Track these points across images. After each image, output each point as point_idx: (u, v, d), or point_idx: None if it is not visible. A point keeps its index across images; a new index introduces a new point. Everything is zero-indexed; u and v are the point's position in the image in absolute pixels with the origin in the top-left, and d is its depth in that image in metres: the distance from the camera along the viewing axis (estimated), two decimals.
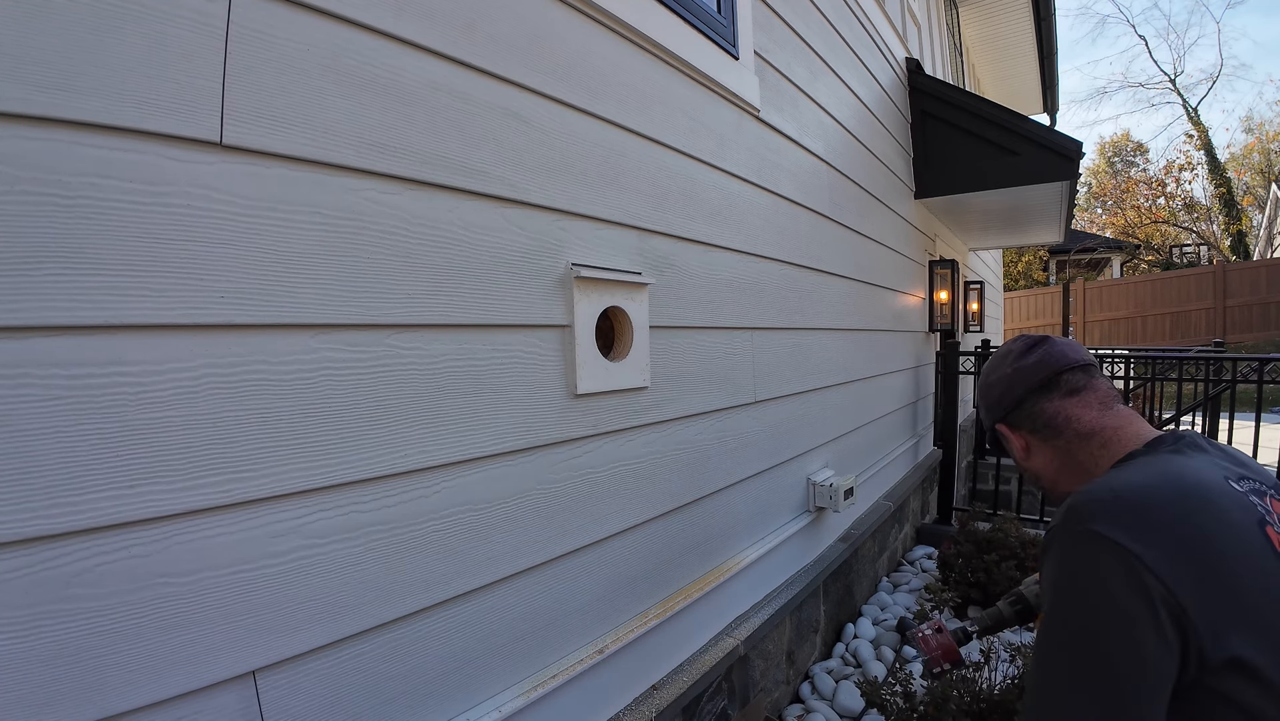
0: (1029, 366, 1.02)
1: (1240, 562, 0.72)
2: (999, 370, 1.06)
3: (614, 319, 1.40)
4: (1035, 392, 1.00)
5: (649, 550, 1.49)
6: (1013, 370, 1.03)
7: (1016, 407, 1.02)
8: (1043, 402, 1.00)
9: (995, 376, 1.06)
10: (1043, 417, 1.00)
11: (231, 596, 0.76)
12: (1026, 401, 1.01)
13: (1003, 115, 3.73)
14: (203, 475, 0.74)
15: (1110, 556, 0.72)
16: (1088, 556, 0.74)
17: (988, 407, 1.08)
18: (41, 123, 0.63)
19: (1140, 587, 0.69)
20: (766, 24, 2.07)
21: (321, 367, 0.86)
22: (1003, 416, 1.04)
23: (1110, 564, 0.72)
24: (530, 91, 1.17)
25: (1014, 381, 1.02)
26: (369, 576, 0.91)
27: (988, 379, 1.08)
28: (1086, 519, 0.76)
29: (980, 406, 1.13)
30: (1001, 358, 1.07)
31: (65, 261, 0.64)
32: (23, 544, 0.62)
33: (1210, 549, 0.72)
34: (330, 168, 0.87)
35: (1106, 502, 0.77)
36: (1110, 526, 0.73)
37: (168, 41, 0.71)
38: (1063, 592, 0.76)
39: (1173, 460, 0.84)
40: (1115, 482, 0.81)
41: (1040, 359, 1.02)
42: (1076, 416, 0.98)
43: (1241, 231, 19.99)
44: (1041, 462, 1.02)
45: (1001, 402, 1.04)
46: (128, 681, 0.68)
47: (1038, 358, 1.02)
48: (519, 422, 1.14)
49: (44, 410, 0.63)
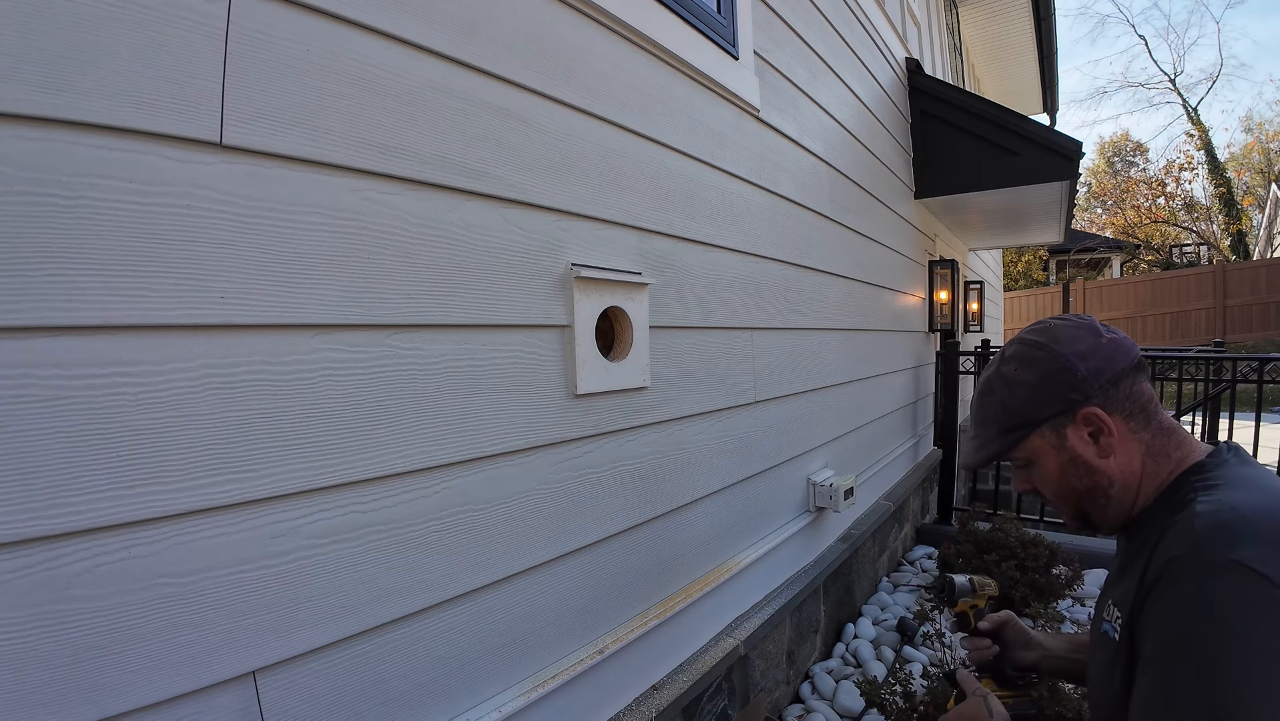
0: (1123, 341, 0.84)
1: None
2: (1085, 341, 0.83)
3: (614, 319, 1.40)
4: (1134, 370, 0.82)
5: (649, 550, 1.49)
6: (1109, 341, 0.83)
7: (1115, 385, 0.81)
8: (1141, 382, 0.83)
9: (1084, 347, 0.83)
10: (1140, 400, 0.82)
11: (231, 596, 0.76)
12: (1126, 379, 0.82)
13: (1002, 115, 3.73)
14: (203, 475, 0.74)
15: (1256, 591, 0.63)
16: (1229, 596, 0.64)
17: (1073, 384, 0.82)
18: (41, 123, 0.63)
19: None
20: (766, 24, 2.07)
21: (321, 368, 0.86)
22: (1098, 395, 0.81)
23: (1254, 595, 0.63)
24: (530, 91, 1.17)
25: (1114, 354, 0.82)
26: (369, 576, 0.91)
27: (1072, 350, 0.83)
28: (1226, 547, 0.66)
29: (1039, 393, 0.85)
30: (1079, 329, 0.85)
31: (65, 262, 0.64)
32: (23, 544, 0.62)
33: None
34: (330, 168, 0.87)
35: (1239, 530, 0.67)
36: (1256, 556, 0.64)
37: (168, 42, 0.71)
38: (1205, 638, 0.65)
39: (1259, 472, 0.76)
40: (1240, 504, 0.70)
41: (1124, 337, 0.85)
42: (1158, 405, 0.84)
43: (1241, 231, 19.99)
44: (1124, 460, 0.83)
45: (1099, 377, 0.81)
46: (128, 681, 0.68)
47: (1120, 336, 0.85)
48: (519, 423, 1.14)
49: (44, 410, 0.63)
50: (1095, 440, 0.83)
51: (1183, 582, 0.68)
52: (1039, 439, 0.86)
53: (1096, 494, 0.85)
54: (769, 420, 2.02)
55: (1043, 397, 0.84)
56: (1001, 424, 0.88)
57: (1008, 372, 0.88)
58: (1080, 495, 0.86)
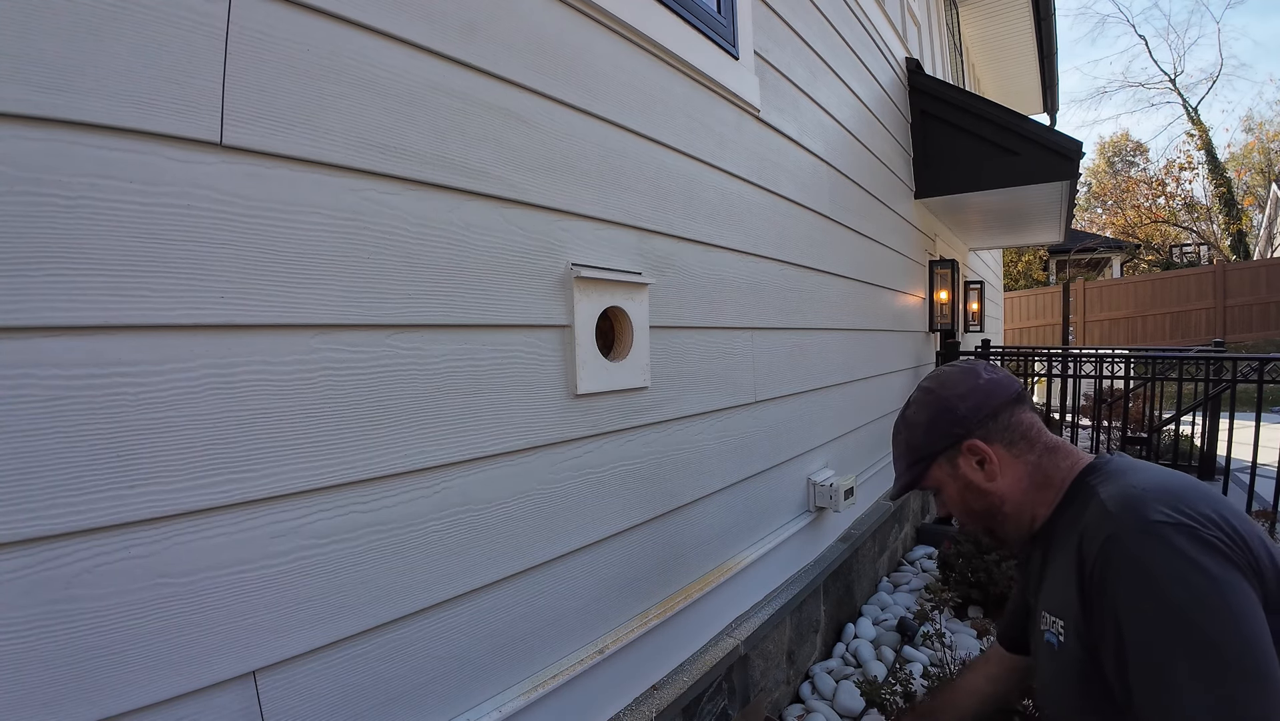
0: (1001, 379, 0.99)
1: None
2: (964, 384, 0.99)
3: (614, 319, 1.40)
4: (1011, 403, 0.97)
5: (649, 550, 1.49)
6: (986, 381, 0.98)
7: (993, 417, 0.96)
8: (1019, 413, 0.97)
9: (964, 389, 0.98)
10: (1019, 428, 0.96)
11: (231, 596, 0.76)
12: (1003, 411, 0.96)
13: (1003, 115, 3.73)
14: (203, 475, 0.74)
15: (1183, 537, 0.74)
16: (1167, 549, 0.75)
17: (955, 421, 0.97)
18: (42, 123, 0.63)
19: (1221, 553, 0.73)
20: (766, 24, 2.07)
21: (322, 368, 0.86)
22: (978, 427, 0.96)
23: (1191, 545, 0.74)
24: (530, 91, 1.17)
25: (990, 391, 0.97)
26: (369, 576, 0.91)
27: (953, 393, 0.98)
28: (1145, 513, 0.77)
29: (931, 431, 0.99)
30: (961, 374, 1.00)
31: (66, 262, 0.64)
32: (23, 544, 0.62)
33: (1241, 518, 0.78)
34: (330, 168, 0.87)
35: (1148, 500, 0.79)
36: (1169, 513, 0.76)
37: (168, 42, 0.71)
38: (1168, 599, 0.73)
39: (1143, 464, 0.90)
40: (1136, 482, 0.83)
41: (1005, 375, 1.00)
42: (1042, 428, 0.98)
43: (1241, 231, 19.99)
44: (1011, 482, 0.96)
45: (977, 414, 0.96)
46: (128, 681, 0.68)
47: (1002, 374, 1.00)
48: (519, 423, 1.14)
49: (44, 410, 0.63)
50: (982, 467, 0.96)
51: (1123, 561, 0.78)
52: (938, 470, 1.00)
53: (993, 512, 0.98)
54: (769, 420, 2.02)
55: (934, 435, 0.99)
56: (908, 459, 1.03)
57: (909, 415, 1.04)
58: (981, 514, 1.00)
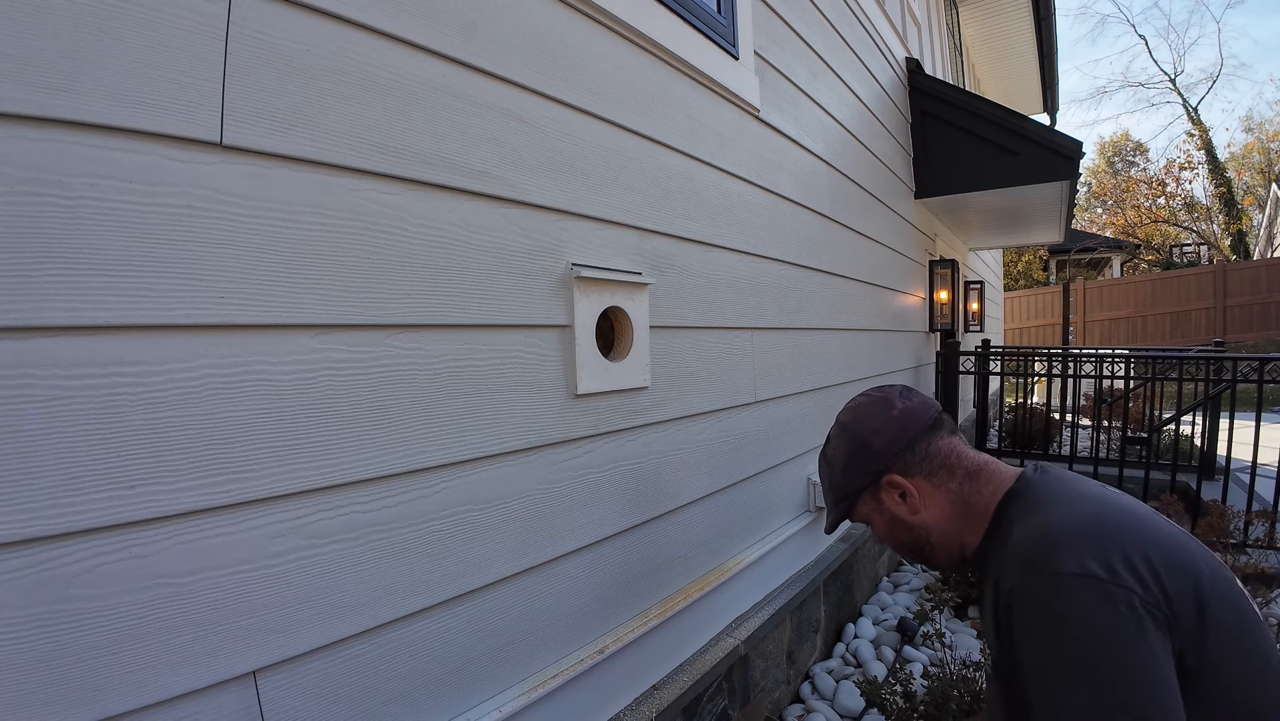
0: (914, 407, 0.95)
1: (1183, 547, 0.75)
2: (878, 417, 0.96)
3: (614, 319, 1.40)
4: (928, 431, 0.93)
5: (650, 550, 1.49)
6: (900, 412, 0.95)
7: (910, 449, 0.92)
8: (936, 440, 0.93)
9: (878, 423, 0.95)
10: (939, 457, 0.92)
11: (231, 596, 0.76)
12: (920, 441, 0.92)
13: (1003, 115, 3.73)
14: (203, 475, 0.74)
15: (1087, 591, 0.70)
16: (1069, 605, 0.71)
17: (871, 457, 0.94)
18: (42, 123, 0.63)
19: (1129, 608, 0.69)
20: (766, 24, 2.07)
21: (322, 368, 0.86)
22: (896, 461, 0.93)
23: (1095, 599, 0.70)
24: (530, 91, 1.17)
25: (905, 423, 0.93)
26: (369, 576, 0.91)
27: (867, 428, 0.96)
28: (1049, 565, 0.73)
29: (850, 469, 0.97)
30: (875, 406, 0.97)
31: (65, 262, 0.64)
32: (23, 544, 0.62)
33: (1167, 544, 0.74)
34: (330, 168, 0.87)
35: (1058, 546, 0.74)
36: (1076, 564, 0.72)
37: (168, 42, 0.71)
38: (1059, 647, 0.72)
39: (1061, 486, 0.85)
40: (1047, 522, 0.78)
41: (920, 401, 0.97)
42: (962, 453, 0.94)
43: (1241, 231, 19.99)
44: (935, 513, 0.93)
45: (893, 447, 0.93)
46: (128, 681, 0.68)
47: (917, 400, 0.97)
48: (519, 423, 1.14)
49: (44, 411, 0.63)
50: (904, 500, 0.94)
51: (1025, 612, 0.75)
52: (863, 505, 0.99)
53: (921, 544, 0.96)
54: (769, 420, 2.02)
55: (853, 473, 0.97)
56: (834, 497, 1.02)
57: (829, 452, 1.02)
58: (909, 546, 0.98)
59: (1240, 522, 2.87)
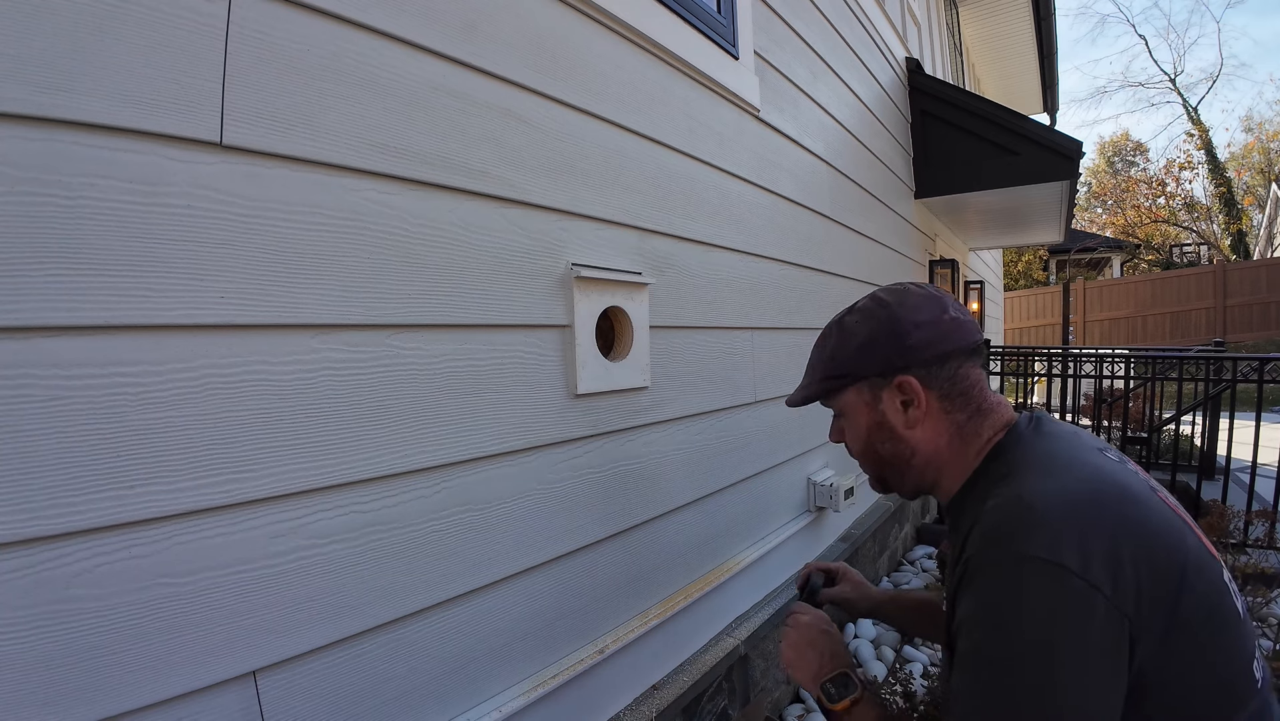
0: (966, 323, 0.84)
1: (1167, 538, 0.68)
2: (927, 311, 0.83)
3: (614, 319, 1.40)
4: (967, 354, 0.82)
5: (650, 550, 1.49)
6: (951, 320, 0.83)
7: (942, 362, 0.81)
8: (969, 366, 0.83)
9: (925, 317, 0.82)
10: (963, 383, 0.82)
11: (232, 596, 0.76)
12: (954, 359, 0.82)
13: (1002, 115, 3.73)
14: (203, 475, 0.74)
15: (1049, 580, 0.64)
16: (1033, 586, 0.65)
17: (900, 349, 0.82)
18: (42, 123, 0.63)
19: (1088, 612, 0.63)
20: (766, 24, 2.07)
21: (322, 368, 0.86)
22: (920, 367, 0.82)
23: (1054, 594, 0.64)
24: (530, 91, 1.17)
25: (951, 332, 0.82)
26: (369, 576, 0.91)
27: (909, 317, 0.83)
28: (1017, 542, 0.67)
29: (866, 350, 0.84)
30: (927, 300, 0.85)
31: (65, 261, 0.64)
32: (23, 544, 0.62)
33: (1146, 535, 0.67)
34: (330, 168, 0.86)
35: (1034, 522, 0.67)
36: (1049, 548, 0.65)
37: (168, 42, 0.71)
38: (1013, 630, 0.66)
39: (1054, 443, 0.77)
40: (1027, 492, 0.70)
41: (971, 320, 0.86)
42: (984, 389, 0.84)
43: (1241, 231, 19.99)
44: (930, 436, 0.83)
45: (927, 351, 0.81)
46: (128, 681, 0.68)
47: (968, 318, 0.86)
48: (519, 423, 1.14)
49: (44, 411, 0.63)
50: (905, 409, 0.84)
51: (982, 586, 0.69)
52: (855, 394, 0.88)
53: (897, 461, 0.87)
54: (769, 420, 2.02)
55: (868, 354, 0.84)
56: (826, 370, 0.90)
57: (848, 322, 0.88)
58: (882, 459, 0.88)
59: (1240, 522, 2.87)
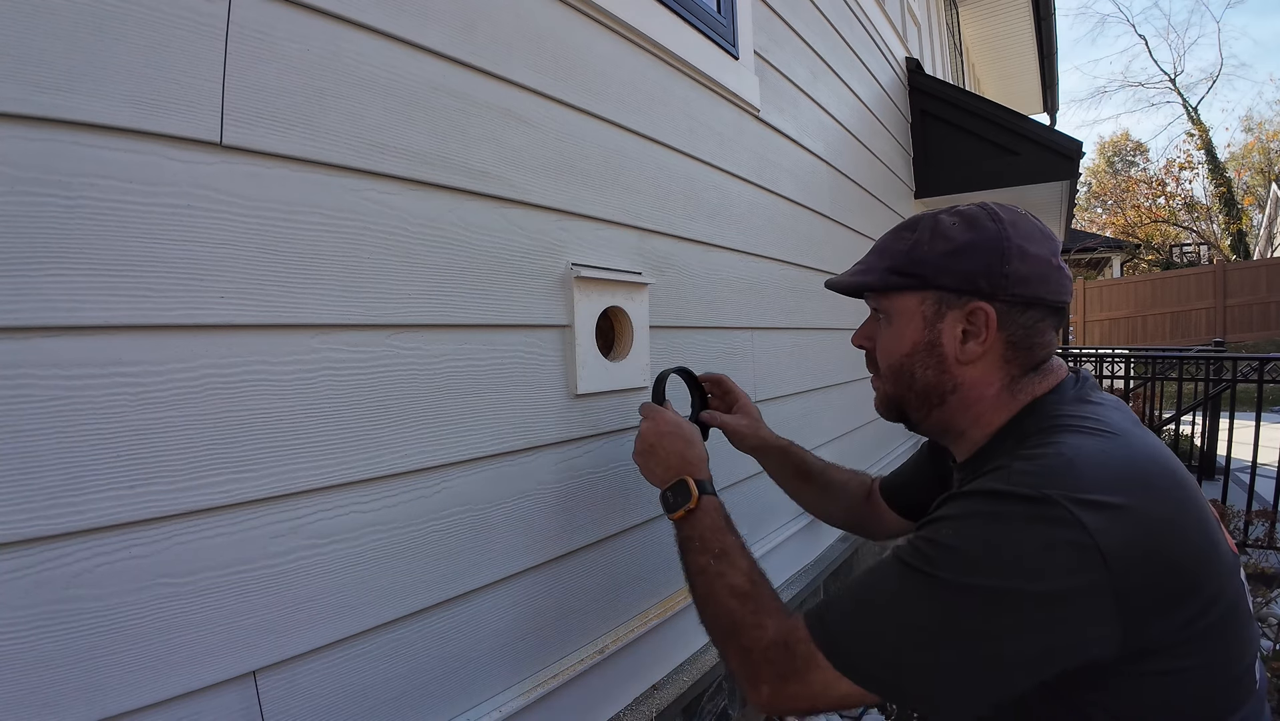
0: (1067, 282, 0.76)
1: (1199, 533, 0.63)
2: (1042, 247, 0.74)
3: (614, 319, 1.40)
4: (1052, 309, 0.75)
5: (651, 550, 1.49)
6: (1058, 268, 0.74)
7: (1031, 305, 0.73)
8: (1047, 321, 0.75)
9: (1037, 252, 0.73)
10: (1037, 336, 0.75)
11: (232, 596, 0.76)
12: (1040, 307, 0.74)
13: (1002, 115, 3.73)
14: (203, 475, 0.74)
15: (1057, 528, 0.58)
16: (1040, 530, 0.59)
17: (998, 274, 0.72)
18: (42, 123, 0.63)
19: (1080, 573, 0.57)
20: (766, 24, 2.07)
21: (322, 368, 0.86)
22: (1006, 299, 0.73)
23: (1056, 541, 0.58)
24: (530, 91, 1.17)
25: (1050, 278, 0.73)
26: (369, 576, 0.91)
27: (1021, 247, 0.73)
28: (1048, 483, 0.60)
29: (957, 258, 0.74)
30: (1045, 238, 0.75)
31: (65, 261, 0.64)
32: (23, 544, 0.62)
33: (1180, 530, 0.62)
34: (330, 168, 0.86)
35: (1068, 472, 0.61)
36: (1072, 500, 0.59)
37: (168, 42, 0.71)
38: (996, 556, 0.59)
39: (1107, 412, 0.71)
40: (1072, 448, 0.64)
41: (1069, 277, 0.78)
42: (1052, 350, 0.77)
43: (1241, 231, 20.00)
44: (980, 377, 0.75)
45: (1025, 286, 0.72)
46: (128, 682, 0.68)
47: (1068, 272, 0.78)
48: (519, 423, 1.14)
49: (44, 411, 0.63)
50: (965, 339, 0.75)
51: (982, 499, 0.62)
52: (917, 301, 0.77)
53: (931, 393, 0.78)
54: (770, 419, 2.01)
55: (956, 264, 0.74)
56: (898, 263, 0.79)
57: (945, 221, 0.77)
58: (914, 384, 0.79)
59: (1240, 522, 2.87)
